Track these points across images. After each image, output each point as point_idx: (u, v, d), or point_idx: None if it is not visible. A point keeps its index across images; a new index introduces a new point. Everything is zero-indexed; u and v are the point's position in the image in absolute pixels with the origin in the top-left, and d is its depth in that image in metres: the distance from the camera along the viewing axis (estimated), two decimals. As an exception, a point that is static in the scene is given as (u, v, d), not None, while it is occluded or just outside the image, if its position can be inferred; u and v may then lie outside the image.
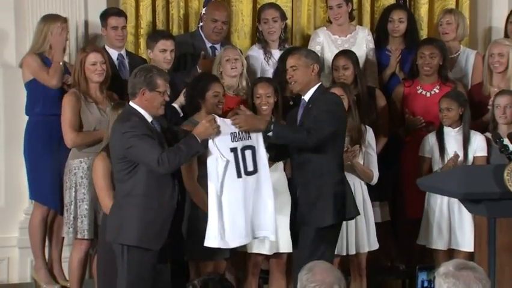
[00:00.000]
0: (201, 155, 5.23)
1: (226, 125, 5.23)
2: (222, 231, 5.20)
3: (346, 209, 5.37)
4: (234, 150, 5.22)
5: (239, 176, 5.23)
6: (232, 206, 5.21)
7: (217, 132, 5.16)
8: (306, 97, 5.41)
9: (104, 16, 6.34)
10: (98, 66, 5.88)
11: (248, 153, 5.26)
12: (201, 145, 5.11)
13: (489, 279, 3.51)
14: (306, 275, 3.70)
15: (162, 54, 6.12)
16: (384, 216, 6.35)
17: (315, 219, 5.27)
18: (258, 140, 5.28)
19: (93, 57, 5.88)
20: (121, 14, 6.39)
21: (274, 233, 5.33)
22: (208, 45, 6.62)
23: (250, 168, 5.26)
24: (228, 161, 5.18)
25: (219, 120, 5.21)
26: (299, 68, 5.38)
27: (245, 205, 5.23)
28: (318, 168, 5.30)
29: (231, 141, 5.22)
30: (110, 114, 5.60)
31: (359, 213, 5.58)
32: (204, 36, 6.62)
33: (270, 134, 5.22)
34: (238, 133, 5.24)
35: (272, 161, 5.55)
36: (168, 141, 5.23)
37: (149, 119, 5.15)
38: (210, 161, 5.21)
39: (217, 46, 6.60)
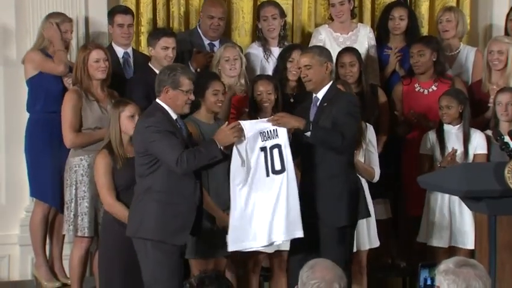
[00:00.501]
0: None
1: (255, 124, 5.23)
2: (246, 233, 5.18)
3: (359, 209, 5.41)
4: (263, 149, 5.21)
5: (267, 175, 5.21)
6: (259, 206, 5.18)
7: (238, 139, 5.14)
8: (320, 95, 5.43)
9: (111, 14, 6.37)
10: (102, 63, 5.88)
11: (275, 152, 5.23)
12: (220, 151, 5.09)
13: (489, 277, 3.50)
14: (306, 272, 3.70)
15: (164, 52, 6.11)
16: (385, 214, 6.35)
17: (333, 219, 5.29)
18: (284, 138, 5.23)
19: (96, 54, 5.88)
20: (128, 11, 6.40)
21: (301, 229, 5.23)
22: (206, 42, 6.61)
23: (277, 167, 5.22)
24: (253, 163, 5.16)
25: (247, 122, 5.21)
26: (313, 66, 5.40)
27: (272, 204, 5.19)
28: (332, 168, 5.32)
29: (261, 141, 5.21)
30: (111, 112, 5.60)
31: (369, 215, 5.60)
32: (202, 34, 6.62)
33: (308, 133, 5.21)
34: (267, 132, 5.21)
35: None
36: (193, 142, 5.24)
37: (174, 116, 5.17)
38: (235, 163, 5.18)
39: (216, 43, 6.60)
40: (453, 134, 6.14)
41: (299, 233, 5.21)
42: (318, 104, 5.43)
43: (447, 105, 6.11)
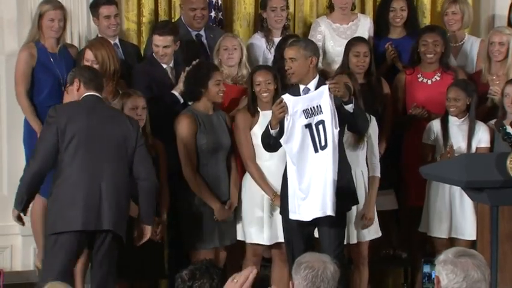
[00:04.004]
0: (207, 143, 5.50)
1: (299, 102, 5.32)
2: (299, 205, 5.33)
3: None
4: (308, 126, 5.31)
5: (316, 151, 5.32)
6: (312, 181, 5.30)
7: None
8: (311, 86, 5.47)
9: (95, 6, 6.29)
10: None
11: (321, 128, 5.32)
12: None
13: (488, 267, 3.48)
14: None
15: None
16: (390, 205, 6.33)
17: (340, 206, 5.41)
18: (328, 113, 5.30)
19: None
20: (111, 1, 6.31)
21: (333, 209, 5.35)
22: (194, 33, 6.54)
23: (323, 142, 5.33)
24: (298, 140, 5.29)
25: (292, 99, 5.30)
26: (298, 60, 5.45)
27: (321, 179, 5.30)
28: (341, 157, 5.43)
29: (304, 118, 5.31)
30: (115, 104, 5.62)
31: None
32: (187, 25, 6.53)
33: (351, 106, 5.32)
34: (311, 109, 5.31)
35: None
36: None
37: None
38: (286, 143, 5.33)
39: (202, 33, 6.55)
40: (457, 126, 6.09)
41: (331, 212, 5.33)
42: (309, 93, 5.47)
43: (455, 98, 6.03)
